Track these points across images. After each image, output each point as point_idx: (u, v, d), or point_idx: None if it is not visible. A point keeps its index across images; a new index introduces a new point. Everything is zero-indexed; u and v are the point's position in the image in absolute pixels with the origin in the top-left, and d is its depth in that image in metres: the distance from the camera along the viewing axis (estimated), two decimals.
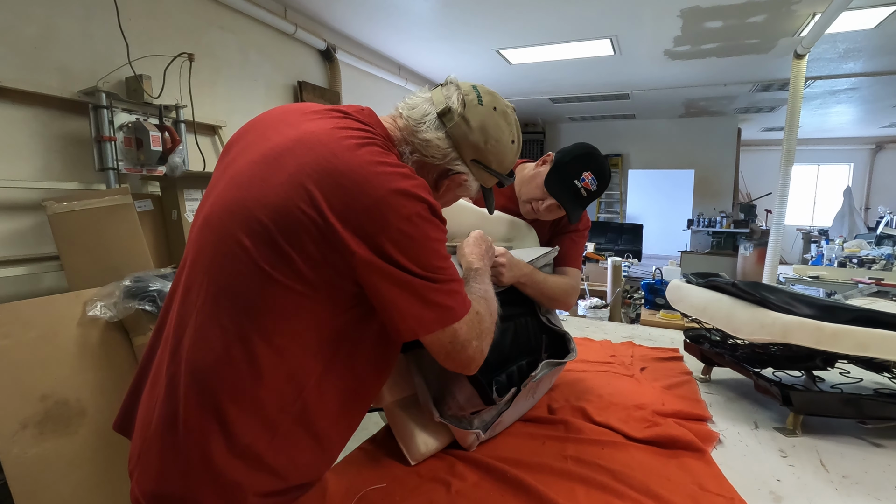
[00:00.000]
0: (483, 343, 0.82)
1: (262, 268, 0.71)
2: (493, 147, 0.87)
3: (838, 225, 8.17)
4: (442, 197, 0.92)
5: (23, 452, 1.65)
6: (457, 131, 0.84)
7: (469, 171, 0.88)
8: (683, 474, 0.92)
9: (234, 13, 3.18)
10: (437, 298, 0.74)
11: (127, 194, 2.10)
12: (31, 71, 2.13)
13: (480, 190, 0.96)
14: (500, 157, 0.89)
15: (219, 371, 0.72)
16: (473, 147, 0.86)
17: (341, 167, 0.71)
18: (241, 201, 0.74)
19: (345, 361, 0.78)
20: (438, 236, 0.76)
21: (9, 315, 1.72)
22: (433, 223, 0.74)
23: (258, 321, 0.71)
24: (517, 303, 1.23)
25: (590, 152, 1.29)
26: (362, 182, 0.70)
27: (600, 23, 3.94)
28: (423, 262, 0.73)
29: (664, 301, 3.13)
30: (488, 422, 1.00)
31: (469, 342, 0.78)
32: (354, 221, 0.69)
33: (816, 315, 1.07)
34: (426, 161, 0.86)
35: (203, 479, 0.72)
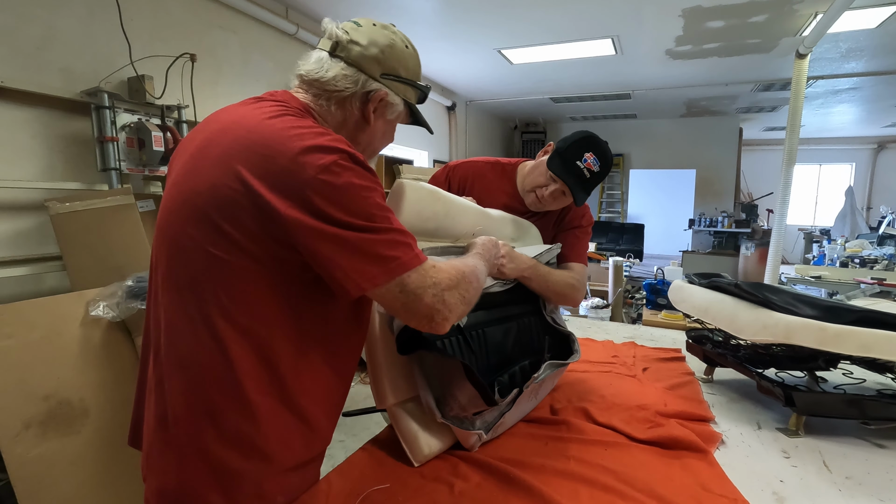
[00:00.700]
0: (448, 295, 0.77)
1: (210, 252, 0.73)
2: (391, 53, 0.87)
3: (840, 225, 8.15)
4: (378, 129, 0.92)
5: (26, 452, 1.66)
6: (352, 54, 0.85)
7: (385, 86, 0.88)
8: (686, 475, 0.92)
9: (235, 13, 3.18)
10: (379, 249, 0.72)
11: (129, 194, 2.10)
12: (33, 71, 2.14)
13: (413, 118, 0.96)
14: (403, 62, 0.89)
15: (196, 361, 0.75)
16: (374, 60, 0.86)
17: (257, 138, 0.74)
18: (181, 196, 0.78)
19: (313, 335, 0.80)
20: (365, 184, 0.73)
21: (11, 315, 1.73)
22: (355, 171, 0.73)
23: (219, 305, 0.73)
24: (521, 302, 1.23)
25: (590, 135, 1.30)
26: (278, 145, 0.72)
27: (602, 22, 3.94)
28: (353, 209, 0.71)
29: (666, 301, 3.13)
30: (490, 422, 1.00)
31: (424, 290, 0.75)
32: (278, 184, 0.70)
33: (819, 316, 1.07)
34: (344, 96, 0.86)
35: (200, 471, 0.74)
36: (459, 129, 6.78)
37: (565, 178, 1.26)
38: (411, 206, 0.99)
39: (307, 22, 3.70)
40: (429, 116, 6.23)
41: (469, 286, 0.83)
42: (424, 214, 1.03)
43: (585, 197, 1.31)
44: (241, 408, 0.74)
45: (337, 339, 0.84)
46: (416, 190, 1.01)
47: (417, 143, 5.87)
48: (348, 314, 0.85)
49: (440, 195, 1.08)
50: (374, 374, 0.97)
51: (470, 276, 0.84)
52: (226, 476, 0.75)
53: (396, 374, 0.97)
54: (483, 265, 0.95)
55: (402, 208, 0.98)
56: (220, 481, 0.75)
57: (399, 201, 0.98)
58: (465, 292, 0.82)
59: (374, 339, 0.96)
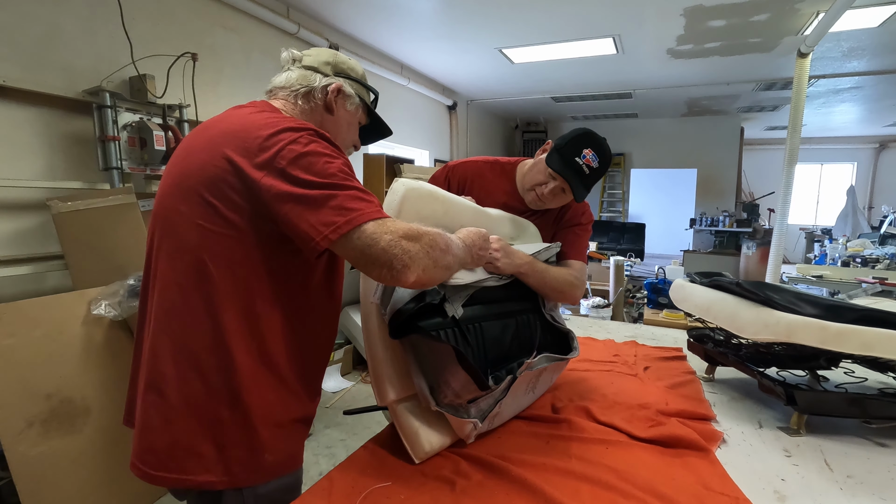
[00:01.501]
0: (407, 243, 0.80)
1: (199, 224, 0.84)
2: (337, 59, 1.05)
3: (842, 224, 8.14)
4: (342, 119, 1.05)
5: (28, 450, 1.66)
6: (308, 61, 1.03)
7: (341, 81, 1.03)
8: (688, 474, 0.92)
9: (237, 13, 3.19)
10: (340, 203, 0.79)
11: (131, 194, 2.11)
12: (35, 71, 2.14)
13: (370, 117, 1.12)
14: (349, 66, 1.07)
15: (184, 323, 0.84)
16: (325, 63, 1.03)
17: (240, 127, 0.86)
18: (172, 181, 0.90)
19: (292, 302, 0.89)
20: (328, 152, 0.83)
21: (14, 314, 1.73)
22: (320, 143, 0.84)
23: (205, 271, 0.83)
24: (520, 298, 1.23)
25: (588, 132, 1.30)
26: (257, 129, 0.84)
27: (603, 22, 3.94)
28: (316, 171, 0.80)
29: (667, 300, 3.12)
30: (485, 410, 0.99)
31: (380, 235, 0.78)
32: (256, 159, 0.81)
33: (821, 315, 1.07)
34: (307, 91, 1.00)
35: (191, 425, 0.84)
36: (460, 128, 6.78)
37: (565, 174, 1.26)
38: (410, 205, 0.99)
39: (308, 21, 3.70)
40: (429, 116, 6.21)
41: (434, 245, 0.84)
42: (423, 214, 1.03)
43: (586, 193, 1.30)
44: (225, 365, 0.83)
45: (313, 308, 0.94)
46: (415, 189, 1.01)
47: (418, 142, 5.88)
48: (323, 284, 0.95)
49: (439, 194, 1.08)
50: (374, 371, 0.97)
51: (436, 238, 0.85)
52: (215, 427, 0.84)
53: (396, 370, 0.97)
54: (459, 244, 0.94)
55: (400, 207, 0.98)
56: (211, 433, 0.84)
57: (398, 200, 0.98)
58: (430, 249, 0.83)
59: (372, 336, 0.96)
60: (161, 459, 0.85)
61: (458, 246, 0.93)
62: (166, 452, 0.84)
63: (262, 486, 0.88)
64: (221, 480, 0.85)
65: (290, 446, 0.92)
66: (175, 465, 0.84)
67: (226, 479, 0.85)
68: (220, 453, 0.84)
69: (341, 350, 3.70)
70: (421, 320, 0.92)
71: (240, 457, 0.85)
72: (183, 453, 0.84)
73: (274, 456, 0.88)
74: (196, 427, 0.84)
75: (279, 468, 0.90)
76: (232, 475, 0.85)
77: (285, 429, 0.90)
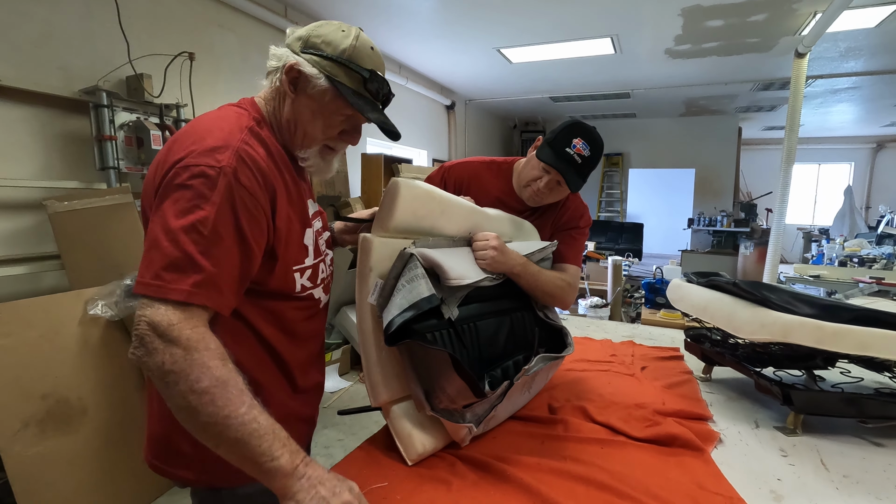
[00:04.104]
0: (164, 349, 0.66)
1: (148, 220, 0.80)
2: (316, 31, 0.88)
3: (839, 224, 8.16)
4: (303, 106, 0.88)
5: (24, 451, 1.66)
6: (287, 41, 0.91)
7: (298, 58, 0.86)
8: (683, 473, 0.92)
9: (234, 12, 3.18)
10: (160, 261, 0.69)
11: (128, 193, 2.10)
12: (31, 70, 2.13)
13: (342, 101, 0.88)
14: (328, 39, 0.87)
15: None
16: (298, 38, 0.89)
17: (179, 133, 0.82)
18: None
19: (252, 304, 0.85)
20: (203, 195, 0.72)
21: (10, 314, 1.73)
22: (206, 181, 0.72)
23: None
24: (513, 297, 1.22)
25: (576, 122, 1.30)
26: (178, 143, 0.78)
27: (601, 22, 3.94)
28: (172, 211, 0.71)
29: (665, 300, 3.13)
30: (481, 415, 0.99)
31: (139, 314, 0.69)
32: (165, 172, 0.75)
33: (817, 314, 1.07)
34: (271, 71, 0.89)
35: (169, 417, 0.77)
36: (458, 127, 6.78)
37: (557, 166, 1.26)
38: (407, 204, 0.99)
39: (306, 20, 3.69)
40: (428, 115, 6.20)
41: (182, 382, 0.66)
42: (420, 213, 1.03)
43: (581, 183, 1.30)
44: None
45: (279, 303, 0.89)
46: (412, 188, 1.01)
47: (417, 142, 5.87)
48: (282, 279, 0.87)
49: (436, 194, 1.08)
50: (368, 372, 0.97)
51: (194, 385, 0.66)
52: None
53: (390, 371, 0.97)
54: (256, 443, 0.68)
55: (397, 206, 0.98)
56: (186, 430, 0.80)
57: (394, 199, 0.98)
58: (176, 378, 0.66)
59: (367, 337, 0.96)
60: (157, 449, 0.87)
61: (239, 428, 0.67)
62: (159, 443, 0.87)
63: (241, 487, 0.85)
64: (198, 479, 0.85)
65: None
66: (164, 456, 0.87)
67: (203, 477, 0.85)
68: (196, 450, 0.81)
69: (339, 350, 3.70)
70: (416, 322, 0.92)
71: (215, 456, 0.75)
72: (167, 445, 0.86)
73: None
74: (172, 422, 0.76)
75: None
76: (209, 474, 0.85)
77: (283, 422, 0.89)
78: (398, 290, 0.93)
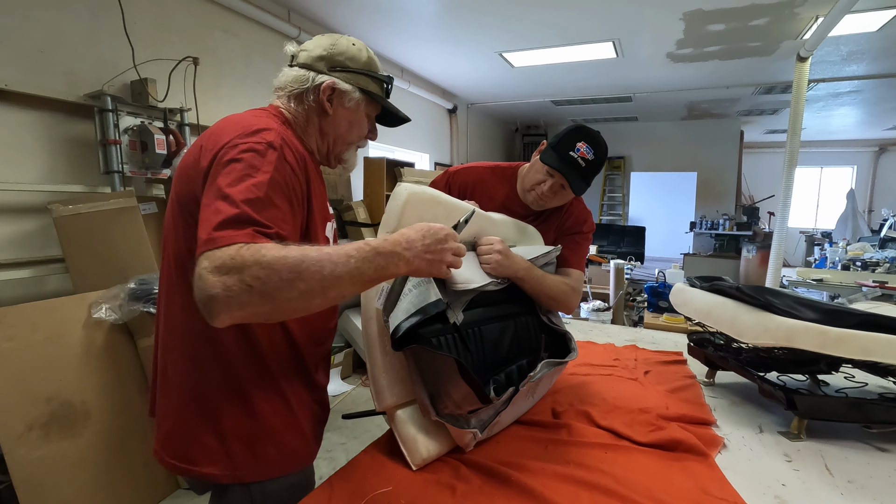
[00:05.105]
0: (216, 277, 0.65)
1: (177, 221, 0.87)
2: (335, 49, 0.96)
3: (842, 227, 8.14)
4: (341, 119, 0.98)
5: (28, 454, 1.66)
6: (301, 59, 0.97)
7: (333, 76, 0.95)
8: (687, 478, 0.92)
9: (238, 17, 3.20)
10: (220, 220, 0.70)
11: (132, 197, 2.11)
12: (36, 74, 2.15)
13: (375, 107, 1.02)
14: (349, 55, 0.96)
15: (181, 319, 0.88)
16: (320, 58, 0.95)
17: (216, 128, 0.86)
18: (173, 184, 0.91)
19: None
20: (257, 165, 0.77)
21: (14, 317, 1.73)
22: (258, 154, 0.78)
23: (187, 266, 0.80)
24: (517, 301, 1.23)
25: (580, 126, 1.31)
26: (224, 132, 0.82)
27: (603, 26, 3.95)
28: (229, 179, 0.74)
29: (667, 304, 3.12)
30: (486, 421, 0.99)
31: (199, 263, 0.68)
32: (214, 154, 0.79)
33: (821, 319, 1.07)
34: (299, 92, 0.95)
35: (194, 414, 0.86)
36: (461, 131, 6.79)
37: (561, 169, 1.27)
38: (412, 209, 1.00)
39: (309, 25, 3.71)
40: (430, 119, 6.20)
41: (269, 275, 0.66)
42: (425, 218, 1.03)
43: (585, 186, 1.31)
44: (219, 355, 0.86)
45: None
46: (417, 193, 1.02)
47: (419, 145, 5.88)
48: None
49: (441, 198, 1.09)
50: (372, 376, 0.97)
51: (277, 265, 0.67)
52: (215, 418, 0.85)
53: (394, 376, 0.97)
54: (352, 261, 0.73)
55: (402, 211, 0.98)
56: (212, 423, 0.86)
57: (399, 204, 0.99)
58: (255, 280, 0.66)
59: (372, 341, 0.97)
60: (175, 447, 0.88)
61: (340, 264, 0.72)
62: (178, 440, 0.88)
63: (270, 482, 0.89)
64: (225, 474, 0.86)
65: (293, 439, 0.93)
66: (184, 454, 0.87)
67: (229, 472, 0.86)
68: (223, 445, 0.86)
69: (341, 353, 3.70)
70: (421, 327, 0.92)
71: (241, 449, 0.87)
72: (189, 442, 0.87)
73: (277, 449, 0.89)
74: (198, 417, 0.86)
75: (285, 463, 0.91)
76: (235, 468, 0.86)
77: (287, 421, 0.92)
78: (405, 294, 0.93)
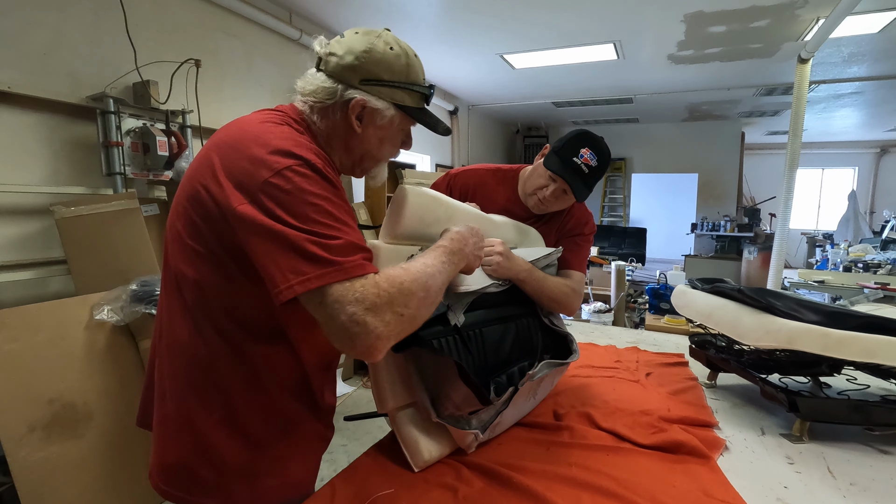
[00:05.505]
0: (372, 316, 0.67)
1: (187, 244, 0.79)
2: (368, 58, 0.83)
3: (843, 229, 8.13)
4: (371, 137, 0.88)
5: (30, 455, 1.66)
6: (331, 66, 0.84)
7: (365, 93, 0.83)
8: (689, 481, 0.92)
9: (239, 19, 3.21)
10: (318, 251, 0.67)
11: (134, 199, 2.11)
12: (39, 77, 2.16)
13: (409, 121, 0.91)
14: (385, 65, 0.84)
15: (180, 344, 0.82)
16: (350, 68, 0.83)
17: (230, 140, 0.78)
18: (176, 194, 0.85)
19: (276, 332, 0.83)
20: (317, 191, 0.71)
21: (17, 319, 1.74)
22: (310, 178, 0.72)
23: (194, 291, 0.80)
24: (519, 303, 1.23)
25: (584, 131, 1.31)
26: (244, 147, 0.74)
27: (604, 28, 3.95)
28: (295, 213, 0.69)
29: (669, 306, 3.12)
30: (486, 422, 0.99)
31: (341, 306, 0.66)
32: (237, 181, 0.72)
33: (822, 321, 1.07)
34: (326, 106, 0.85)
35: (190, 446, 0.81)
36: (462, 133, 6.80)
37: (564, 175, 1.27)
38: (413, 211, 1.00)
39: (310, 27, 3.72)
40: None
41: (410, 299, 0.71)
42: (427, 220, 1.04)
43: (587, 192, 1.31)
44: (219, 388, 0.81)
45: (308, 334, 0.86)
46: (419, 195, 1.02)
47: (420, 147, 5.89)
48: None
49: (442, 200, 1.09)
50: (374, 378, 0.97)
51: (411, 287, 0.72)
52: (213, 452, 0.81)
53: (397, 378, 0.97)
54: (445, 266, 0.82)
55: (404, 213, 0.99)
56: (209, 455, 0.81)
57: (401, 206, 0.99)
58: (404, 308, 0.70)
59: None
60: (169, 476, 0.83)
61: (443, 274, 0.81)
62: (173, 471, 0.83)
63: None
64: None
65: (296, 468, 0.89)
66: (179, 484, 0.83)
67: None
68: (221, 479, 0.81)
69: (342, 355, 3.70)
70: (422, 329, 0.92)
71: (241, 482, 0.82)
72: (185, 475, 0.82)
73: (279, 480, 0.85)
74: (196, 451, 0.81)
75: (286, 491, 0.87)
76: (234, 501, 0.83)
77: (290, 451, 0.87)
78: None
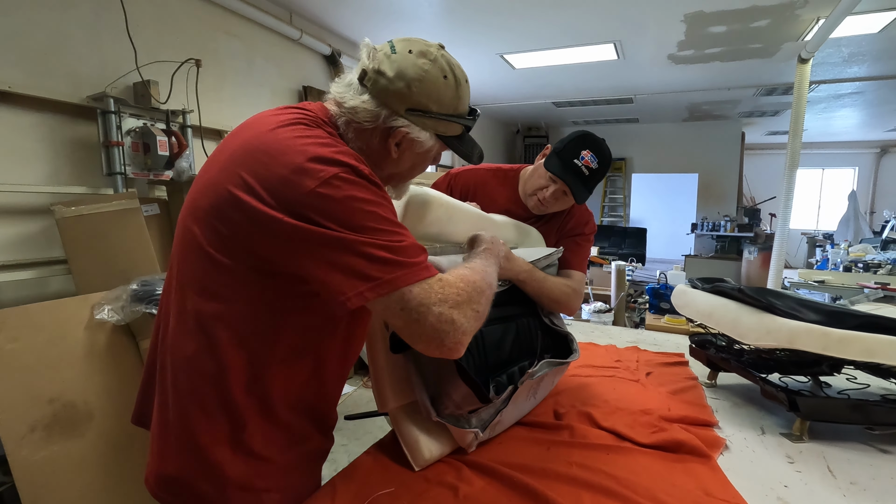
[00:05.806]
0: (458, 313, 0.70)
1: (207, 251, 0.74)
2: (420, 87, 0.79)
3: (843, 229, 8.13)
4: (405, 162, 0.87)
5: (31, 455, 1.66)
6: (377, 87, 0.79)
7: (409, 123, 0.80)
8: (689, 480, 0.92)
9: (240, 19, 3.21)
10: (377, 259, 0.67)
11: (134, 199, 2.12)
12: (40, 76, 2.16)
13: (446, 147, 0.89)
14: (435, 96, 0.80)
15: (187, 355, 0.77)
16: (399, 96, 0.78)
17: (261, 145, 0.73)
18: (193, 194, 0.80)
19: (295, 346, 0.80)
20: (369, 197, 0.69)
21: (17, 318, 1.74)
22: (359, 184, 0.69)
23: (211, 303, 0.76)
24: (519, 303, 1.23)
25: (585, 133, 1.31)
26: (279, 154, 0.70)
27: (604, 28, 3.95)
28: (353, 224, 0.67)
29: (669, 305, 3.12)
30: (486, 420, 0.99)
31: (427, 307, 0.67)
32: (278, 194, 0.68)
33: (823, 321, 1.07)
34: (364, 128, 0.81)
35: (192, 460, 0.78)
36: None
37: (564, 177, 1.27)
38: (414, 210, 1.00)
39: (311, 27, 3.72)
40: None
41: (482, 297, 0.77)
42: (427, 219, 1.04)
43: (587, 194, 1.31)
44: (226, 404, 0.77)
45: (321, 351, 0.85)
46: (419, 195, 1.02)
47: None
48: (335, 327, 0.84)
49: (443, 200, 1.09)
50: (375, 377, 0.97)
51: (482, 286, 0.77)
52: (215, 468, 0.77)
53: (397, 377, 0.97)
54: (494, 267, 0.90)
55: (404, 213, 0.99)
56: (210, 472, 0.77)
57: (401, 206, 0.99)
58: (479, 305, 0.75)
59: (374, 341, 0.97)
60: (168, 487, 0.81)
61: (495, 275, 0.87)
62: (173, 482, 0.80)
63: None
64: None
65: (299, 481, 0.88)
66: (177, 494, 0.81)
67: None
68: (221, 492, 0.78)
69: None
70: None
71: (241, 497, 0.79)
72: (185, 487, 0.79)
73: (282, 494, 0.84)
74: (195, 464, 0.78)
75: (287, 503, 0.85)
76: None
77: (294, 464, 0.86)
78: None
